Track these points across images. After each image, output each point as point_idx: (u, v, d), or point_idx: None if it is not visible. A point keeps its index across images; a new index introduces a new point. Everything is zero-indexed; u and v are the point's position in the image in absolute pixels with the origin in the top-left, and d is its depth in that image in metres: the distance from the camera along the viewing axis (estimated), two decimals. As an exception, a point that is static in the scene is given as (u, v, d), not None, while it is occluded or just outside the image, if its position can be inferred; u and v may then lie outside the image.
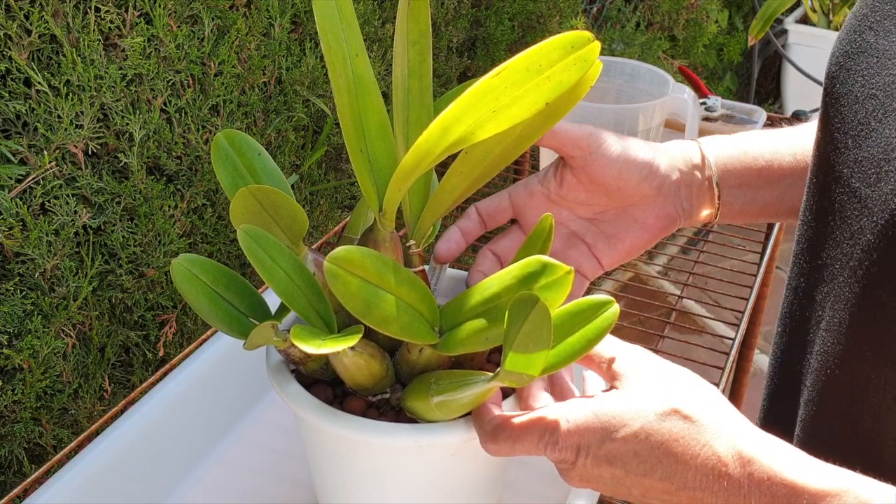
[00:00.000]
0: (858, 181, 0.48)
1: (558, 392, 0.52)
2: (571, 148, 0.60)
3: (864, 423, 0.48)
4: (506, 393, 0.53)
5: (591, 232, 0.63)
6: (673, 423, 0.45)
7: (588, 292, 0.62)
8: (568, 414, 0.47)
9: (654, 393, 0.47)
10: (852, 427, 0.49)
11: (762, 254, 1.16)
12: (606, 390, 0.49)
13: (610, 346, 0.51)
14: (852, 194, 0.48)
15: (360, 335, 0.47)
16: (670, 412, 0.46)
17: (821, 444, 0.50)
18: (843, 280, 0.49)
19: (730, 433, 0.45)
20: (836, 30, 2.33)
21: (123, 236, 0.86)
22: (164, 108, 0.88)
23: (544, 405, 0.50)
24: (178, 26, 0.86)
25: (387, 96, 1.12)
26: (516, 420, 0.49)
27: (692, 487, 0.44)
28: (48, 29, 0.74)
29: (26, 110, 0.75)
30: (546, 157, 1.13)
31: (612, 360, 0.50)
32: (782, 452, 0.44)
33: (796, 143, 0.63)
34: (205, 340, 0.75)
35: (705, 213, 0.64)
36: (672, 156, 0.62)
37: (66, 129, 0.77)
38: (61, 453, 0.68)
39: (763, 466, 0.43)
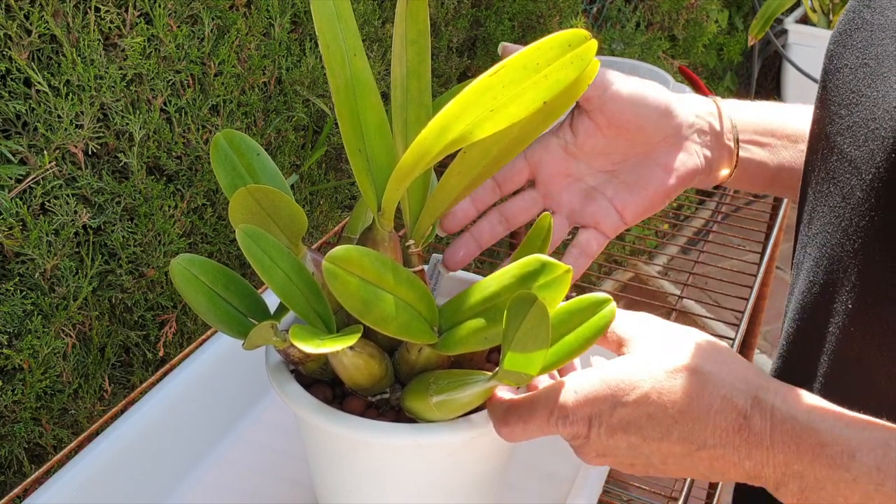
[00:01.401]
0: (849, 145, 0.48)
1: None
2: None
3: (860, 384, 0.48)
4: None
5: (612, 184, 0.60)
6: (684, 379, 0.43)
7: (588, 291, 0.62)
8: (576, 386, 0.46)
9: (662, 352, 0.45)
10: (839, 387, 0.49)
11: (762, 254, 1.16)
12: None
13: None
14: (844, 158, 0.48)
15: (359, 335, 0.47)
16: (681, 369, 0.44)
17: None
18: (836, 242, 0.48)
19: (746, 384, 0.43)
20: (837, 29, 2.32)
21: (123, 236, 0.86)
22: (164, 108, 0.88)
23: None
24: (178, 26, 0.86)
25: (386, 96, 1.12)
26: (525, 400, 0.48)
27: (712, 445, 0.42)
28: (48, 29, 0.74)
29: (26, 110, 0.75)
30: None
31: (614, 328, 0.49)
32: (804, 400, 0.42)
33: (806, 115, 0.63)
34: (205, 340, 0.75)
35: (724, 171, 0.62)
36: (687, 101, 0.61)
37: (66, 129, 0.77)
38: (61, 453, 0.68)
39: (785, 416, 0.41)
